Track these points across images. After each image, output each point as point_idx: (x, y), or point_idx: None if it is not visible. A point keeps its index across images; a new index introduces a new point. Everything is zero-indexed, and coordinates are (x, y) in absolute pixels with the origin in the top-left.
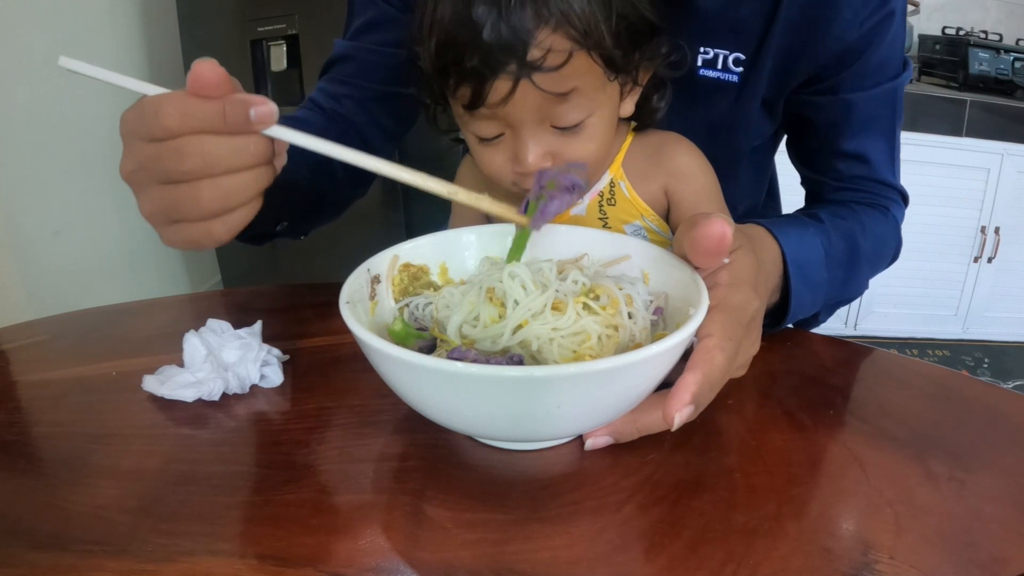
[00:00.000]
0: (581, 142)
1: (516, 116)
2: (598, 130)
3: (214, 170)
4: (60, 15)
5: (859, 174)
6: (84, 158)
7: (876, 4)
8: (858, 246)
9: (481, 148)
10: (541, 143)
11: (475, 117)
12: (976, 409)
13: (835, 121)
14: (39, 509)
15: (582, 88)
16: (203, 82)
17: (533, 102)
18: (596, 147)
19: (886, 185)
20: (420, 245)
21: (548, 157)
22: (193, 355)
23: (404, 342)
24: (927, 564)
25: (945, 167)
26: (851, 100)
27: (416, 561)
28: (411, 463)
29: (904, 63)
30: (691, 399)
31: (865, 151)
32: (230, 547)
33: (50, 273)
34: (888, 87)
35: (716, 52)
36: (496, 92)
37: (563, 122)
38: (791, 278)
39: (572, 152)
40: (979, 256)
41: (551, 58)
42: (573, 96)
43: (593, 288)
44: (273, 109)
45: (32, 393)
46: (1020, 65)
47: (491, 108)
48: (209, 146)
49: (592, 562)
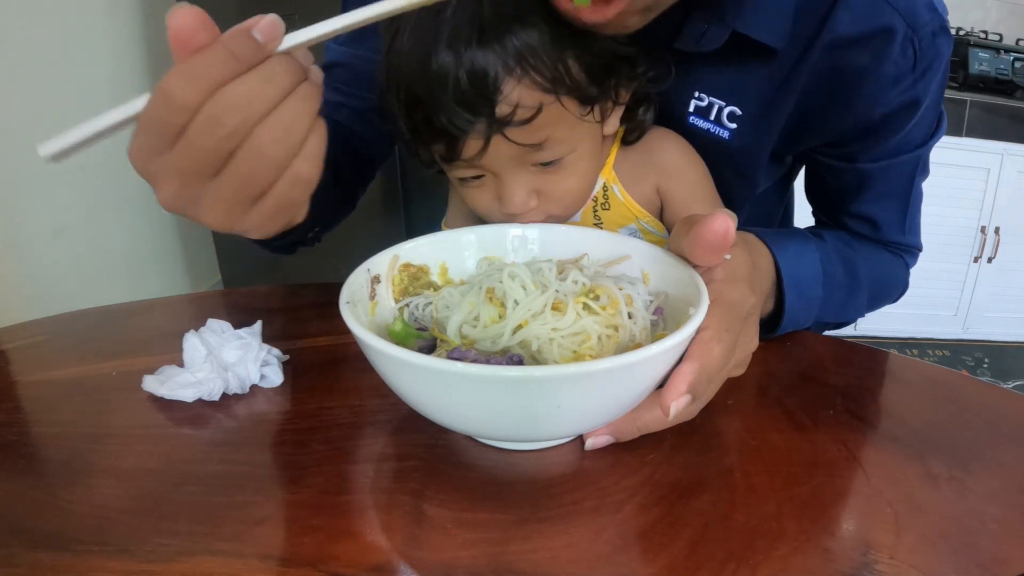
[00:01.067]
0: (564, 178)
1: (494, 164)
2: (580, 165)
3: (259, 113)
4: (60, 15)
5: (867, 234)
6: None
7: (906, 85)
8: (858, 271)
9: (466, 190)
10: (524, 184)
11: (454, 166)
12: (976, 409)
13: (848, 186)
14: (39, 509)
15: (557, 133)
16: (186, 30)
17: (508, 151)
18: (580, 180)
19: (895, 243)
20: (420, 245)
21: (533, 196)
22: (193, 355)
23: (404, 342)
24: (927, 564)
25: (945, 167)
26: (867, 170)
27: (416, 561)
28: (411, 463)
29: (937, 125)
30: (687, 388)
31: (875, 216)
32: (230, 547)
33: (50, 273)
34: (908, 157)
35: (711, 101)
36: (469, 148)
37: (543, 160)
38: (785, 291)
39: (556, 188)
40: (979, 256)
41: (520, 112)
42: (550, 139)
43: (593, 288)
44: (274, 18)
45: (32, 393)
46: (1020, 65)
47: (467, 161)
48: (237, 93)
49: (592, 562)
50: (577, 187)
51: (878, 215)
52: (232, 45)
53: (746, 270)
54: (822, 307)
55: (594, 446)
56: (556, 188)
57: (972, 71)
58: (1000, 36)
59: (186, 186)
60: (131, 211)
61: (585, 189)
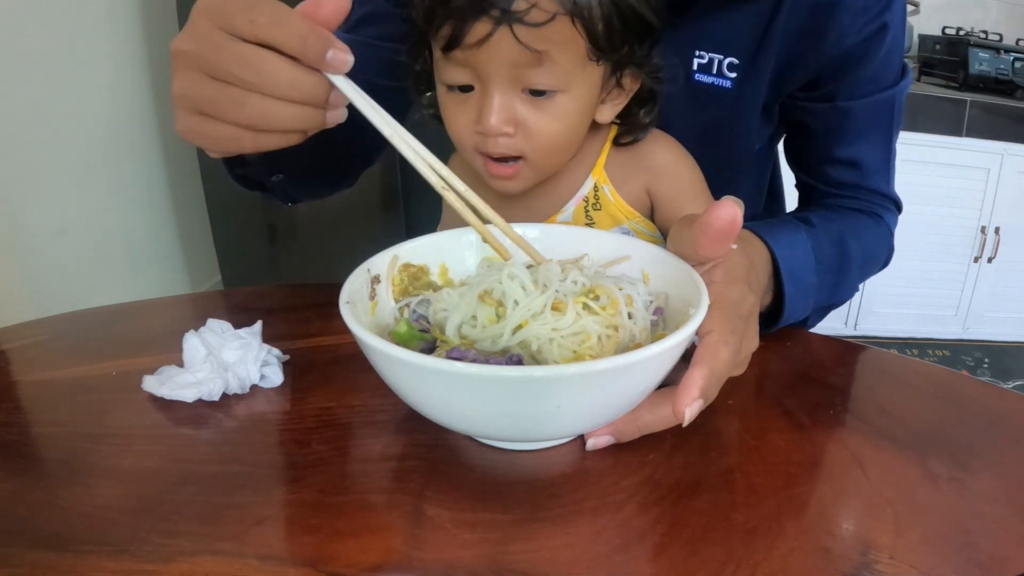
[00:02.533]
0: (548, 118)
1: (488, 67)
2: (567, 111)
3: (265, 90)
4: (60, 15)
5: (851, 181)
6: (85, 158)
7: (874, 13)
8: (848, 250)
9: (449, 104)
10: (507, 107)
11: (449, 62)
12: (976, 409)
13: (830, 128)
14: (39, 509)
15: (559, 56)
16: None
17: (508, 55)
18: (562, 128)
19: (878, 193)
20: (420, 245)
21: (511, 123)
22: (193, 355)
23: (407, 344)
24: (927, 564)
25: (945, 167)
26: (847, 108)
27: (416, 561)
28: (411, 463)
29: (903, 71)
30: (699, 393)
31: (858, 157)
32: (230, 547)
33: (50, 273)
34: (884, 96)
35: (711, 56)
36: (474, 33)
37: (537, 84)
38: (784, 283)
39: (536, 125)
40: (979, 256)
41: (535, 14)
42: (548, 61)
43: (593, 288)
44: (349, 59)
45: (32, 393)
46: (1020, 65)
47: (466, 50)
48: (271, 66)
49: (592, 562)
50: (556, 132)
51: (862, 156)
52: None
53: (744, 270)
54: (818, 293)
55: (595, 446)
56: (537, 123)
57: (972, 71)
58: (1000, 36)
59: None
60: (131, 211)
61: (563, 144)
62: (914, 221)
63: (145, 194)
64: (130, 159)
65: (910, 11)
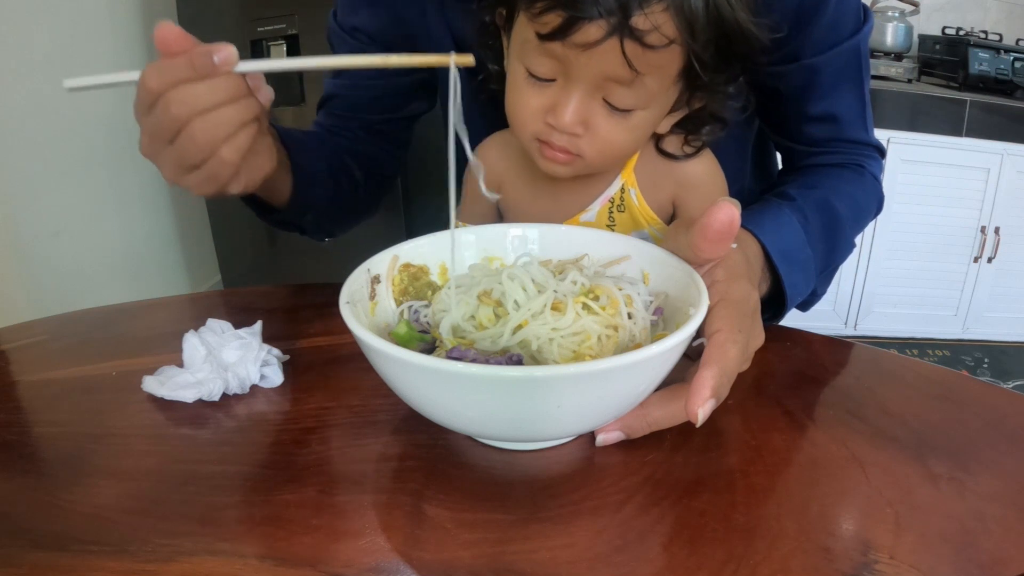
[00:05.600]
0: (619, 129)
1: (582, 70)
2: (640, 125)
3: (198, 109)
4: (60, 15)
5: (829, 136)
6: (84, 158)
7: None
8: (835, 212)
9: (523, 86)
10: (585, 109)
11: (541, 52)
12: (976, 409)
13: (801, 87)
14: (39, 509)
15: (650, 80)
16: (166, 40)
17: (608, 65)
18: (629, 140)
19: (858, 143)
20: (420, 245)
21: (583, 126)
22: (193, 355)
23: (407, 344)
24: (927, 564)
25: (945, 167)
26: (813, 64)
27: (416, 561)
28: (411, 463)
29: (864, 15)
30: (711, 393)
31: (834, 110)
32: (230, 547)
33: (50, 273)
34: (848, 45)
35: None
36: (584, 34)
37: (618, 102)
38: (778, 267)
39: (607, 134)
40: (979, 256)
41: (653, 36)
42: (639, 84)
43: (593, 288)
44: (233, 52)
45: (32, 393)
46: (1020, 65)
47: (567, 48)
48: (187, 92)
49: (592, 562)
50: (623, 143)
51: (837, 109)
52: (195, 58)
53: (744, 266)
54: (816, 263)
55: (605, 442)
56: (607, 132)
57: (972, 71)
58: (1000, 36)
59: (151, 143)
60: (131, 211)
61: (625, 153)
62: (914, 221)
63: (145, 194)
64: (130, 159)
65: (910, 11)
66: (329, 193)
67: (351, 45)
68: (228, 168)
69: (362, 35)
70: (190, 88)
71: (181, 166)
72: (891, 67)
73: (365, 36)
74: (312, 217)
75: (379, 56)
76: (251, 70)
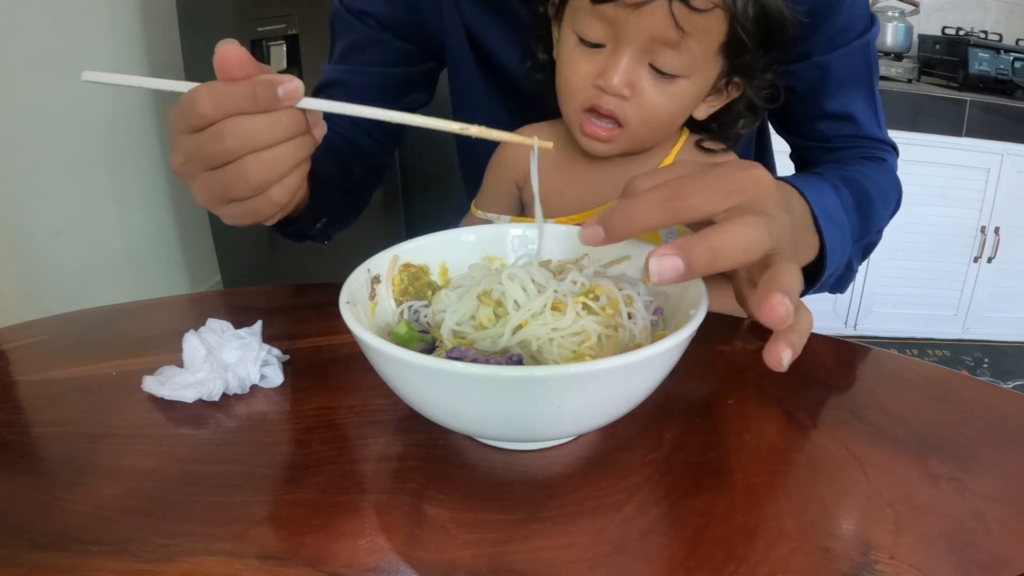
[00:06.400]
0: (664, 96)
1: (631, 32)
2: (682, 94)
3: (254, 146)
4: (60, 15)
5: (846, 132)
6: (84, 158)
7: None
8: (866, 188)
9: (576, 53)
10: (633, 71)
11: (593, 14)
12: (976, 409)
13: (814, 85)
14: (39, 509)
15: (696, 44)
16: (227, 62)
17: (656, 26)
18: (672, 109)
19: (874, 140)
20: (420, 245)
21: (630, 87)
22: (193, 355)
23: (407, 344)
24: (927, 564)
25: (945, 167)
26: (825, 62)
27: (416, 561)
28: (411, 463)
29: (871, 19)
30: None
31: (849, 109)
32: (230, 547)
33: (50, 273)
34: (858, 44)
35: None
36: None
37: (664, 66)
38: (819, 220)
39: (651, 98)
40: (979, 256)
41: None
42: (684, 47)
43: (593, 288)
44: (299, 85)
45: (32, 393)
46: (1020, 65)
47: (618, 8)
48: (245, 125)
49: (592, 562)
50: (666, 111)
51: (851, 106)
52: (259, 90)
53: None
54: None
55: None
56: (652, 97)
57: (972, 71)
58: (1000, 36)
59: (187, 164)
60: (131, 211)
61: (666, 123)
62: (914, 221)
63: (145, 194)
64: (130, 159)
65: (910, 11)
66: (338, 195)
67: (358, 30)
68: (274, 208)
69: (371, 20)
70: (248, 121)
71: (220, 196)
72: (891, 67)
73: (375, 22)
74: (322, 224)
75: (457, 124)
76: (316, 108)
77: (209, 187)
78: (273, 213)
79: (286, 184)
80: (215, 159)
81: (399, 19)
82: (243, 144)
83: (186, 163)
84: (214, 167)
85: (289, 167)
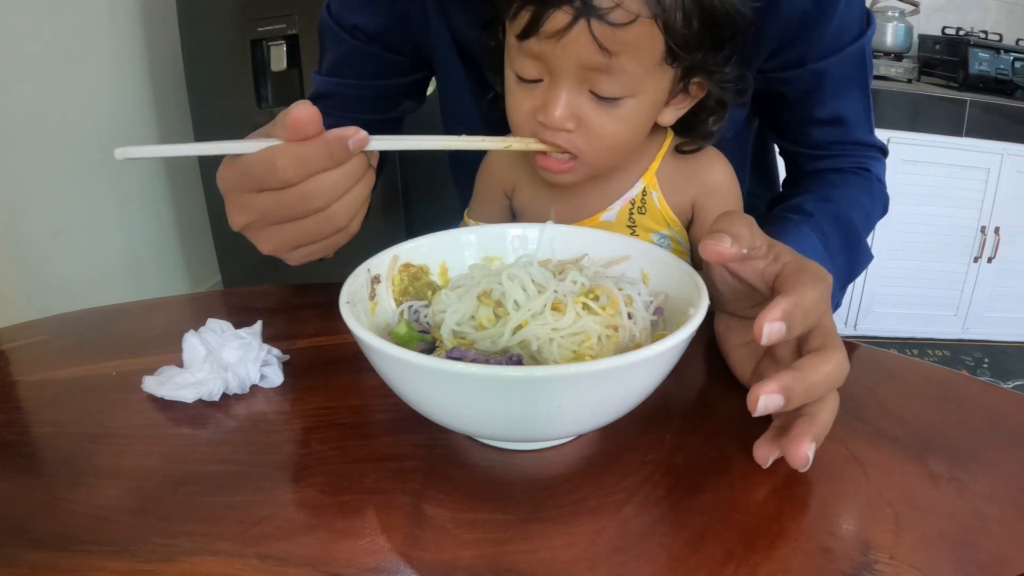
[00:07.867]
0: (611, 120)
1: (560, 62)
2: (632, 114)
3: (338, 196)
4: (60, 15)
5: (836, 139)
6: (84, 159)
7: None
8: (851, 223)
9: (516, 90)
10: (573, 103)
11: (522, 52)
12: (976, 409)
13: (807, 91)
14: (39, 509)
15: (630, 63)
16: (301, 123)
17: (583, 51)
18: (623, 131)
19: (863, 144)
20: (420, 245)
21: (574, 120)
22: (193, 355)
23: (407, 344)
24: (927, 564)
25: (945, 167)
26: (819, 68)
27: (416, 561)
28: (411, 463)
29: (867, 20)
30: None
31: (839, 114)
32: (230, 547)
33: (50, 274)
34: (853, 48)
35: None
36: (552, 22)
37: (602, 91)
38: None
39: (599, 126)
40: (979, 256)
41: (617, 13)
42: (618, 69)
43: (593, 288)
44: (365, 136)
45: (32, 393)
46: (1020, 65)
47: (541, 41)
48: (328, 183)
49: (592, 562)
50: (617, 135)
51: (844, 111)
52: (333, 148)
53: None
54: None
55: (763, 411)
56: (599, 125)
57: (972, 71)
58: (1000, 36)
59: (256, 223)
60: (131, 211)
61: (622, 146)
62: (914, 221)
63: (145, 194)
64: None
65: (910, 11)
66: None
67: (348, 44)
68: (347, 239)
69: (361, 34)
70: (329, 177)
71: (294, 243)
72: (891, 67)
73: (364, 35)
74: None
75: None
76: (380, 148)
77: (280, 238)
78: (342, 243)
79: (359, 216)
80: (297, 215)
81: (388, 31)
82: (330, 199)
83: (257, 221)
84: (288, 221)
85: (361, 201)
